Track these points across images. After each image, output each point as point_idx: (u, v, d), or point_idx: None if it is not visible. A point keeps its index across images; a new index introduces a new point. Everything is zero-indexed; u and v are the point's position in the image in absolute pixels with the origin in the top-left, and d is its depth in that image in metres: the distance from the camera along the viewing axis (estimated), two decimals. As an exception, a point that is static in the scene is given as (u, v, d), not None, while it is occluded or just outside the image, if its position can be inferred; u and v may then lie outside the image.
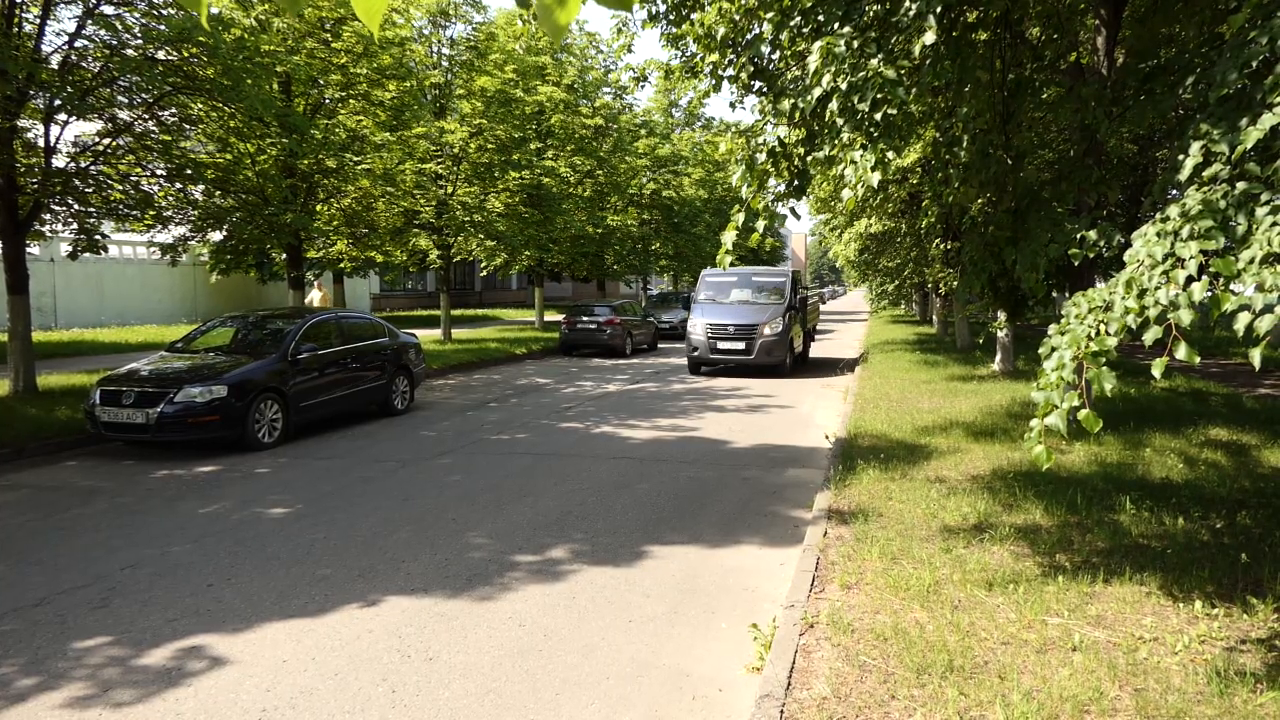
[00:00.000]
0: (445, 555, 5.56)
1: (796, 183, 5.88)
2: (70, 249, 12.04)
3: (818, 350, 23.04)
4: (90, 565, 5.37)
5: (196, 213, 13.36)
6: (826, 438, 9.54)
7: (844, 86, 5.00)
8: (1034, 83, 8.15)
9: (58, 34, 13.24)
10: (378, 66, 16.37)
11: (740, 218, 5.41)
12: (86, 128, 11.88)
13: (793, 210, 6.58)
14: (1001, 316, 11.68)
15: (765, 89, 7.88)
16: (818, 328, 30.62)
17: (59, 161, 11.12)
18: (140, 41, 10.83)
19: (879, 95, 4.91)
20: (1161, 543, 5.09)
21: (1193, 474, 6.84)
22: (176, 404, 8.56)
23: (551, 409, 12.20)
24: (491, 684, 3.81)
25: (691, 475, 7.93)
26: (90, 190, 11.26)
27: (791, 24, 6.05)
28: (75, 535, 6.04)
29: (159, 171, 12.28)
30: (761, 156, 5.49)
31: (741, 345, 16.01)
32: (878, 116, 4.95)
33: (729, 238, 5.40)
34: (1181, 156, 3.94)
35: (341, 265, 21.94)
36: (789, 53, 6.59)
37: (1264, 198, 3.33)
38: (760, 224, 5.48)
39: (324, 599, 4.80)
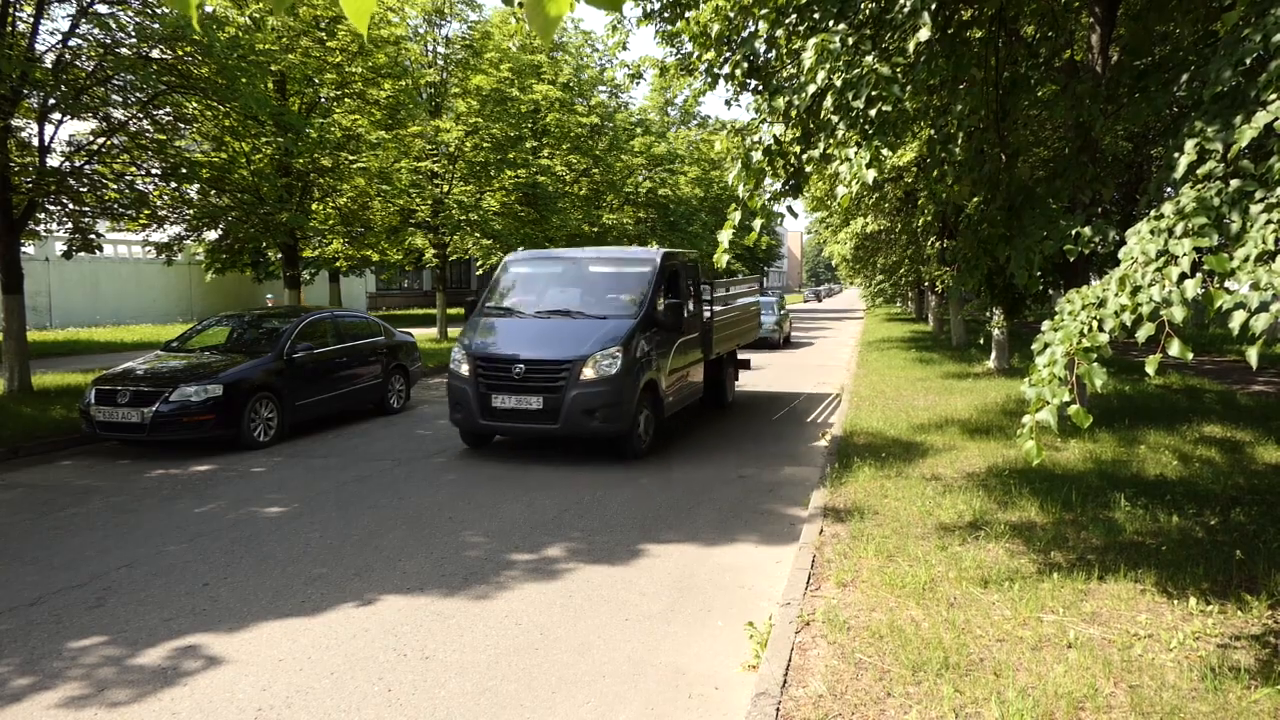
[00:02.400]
0: (441, 554, 5.55)
1: (793, 181, 5.89)
2: (65, 248, 12.04)
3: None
4: (85, 564, 5.35)
5: (192, 212, 13.34)
6: (823, 435, 9.55)
7: (839, 84, 5.00)
8: (1029, 80, 8.15)
9: (51, 33, 13.22)
10: (373, 65, 16.36)
11: (737, 216, 5.41)
12: (81, 127, 11.85)
13: (789, 209, 6.59)
14: (998, 315, 11.68)
15: (760, 87, 7.88)
16: (792, 335, 25.47)
17: (53, 160, 11.10)
18: (134, 40, 10.81)
19: (874, 92, 4.91)
20: (1156, 540, 5.11)
21: (1187, 471, 6.86)
22: (172, 403, 8.55)
23: (548, 407, 12.17)
24: (488, 683, 3.80)
25: (688, 473, 7.93)
26: (85, 189, 11.25)
27: (787, 21, 6.05)
28: (70, 535, 6.03)
29: (154, 170, 12.26)
30: (757, 155, 5.48)
31: (536, 402, 8.17)
32: (873, 113, 4.96)
33: (726, 236, 5.40)
34: (1176, 154, 3.95)
35: (337, 264, 21.93)
36: (784, 50, 6.59)
37: (1258, 195, 3.34)
38: (757, 222, 5.48)
39: (320, 598, 4.79)
